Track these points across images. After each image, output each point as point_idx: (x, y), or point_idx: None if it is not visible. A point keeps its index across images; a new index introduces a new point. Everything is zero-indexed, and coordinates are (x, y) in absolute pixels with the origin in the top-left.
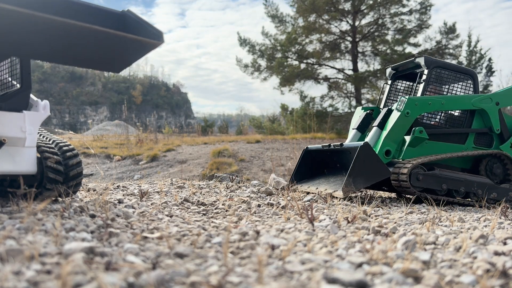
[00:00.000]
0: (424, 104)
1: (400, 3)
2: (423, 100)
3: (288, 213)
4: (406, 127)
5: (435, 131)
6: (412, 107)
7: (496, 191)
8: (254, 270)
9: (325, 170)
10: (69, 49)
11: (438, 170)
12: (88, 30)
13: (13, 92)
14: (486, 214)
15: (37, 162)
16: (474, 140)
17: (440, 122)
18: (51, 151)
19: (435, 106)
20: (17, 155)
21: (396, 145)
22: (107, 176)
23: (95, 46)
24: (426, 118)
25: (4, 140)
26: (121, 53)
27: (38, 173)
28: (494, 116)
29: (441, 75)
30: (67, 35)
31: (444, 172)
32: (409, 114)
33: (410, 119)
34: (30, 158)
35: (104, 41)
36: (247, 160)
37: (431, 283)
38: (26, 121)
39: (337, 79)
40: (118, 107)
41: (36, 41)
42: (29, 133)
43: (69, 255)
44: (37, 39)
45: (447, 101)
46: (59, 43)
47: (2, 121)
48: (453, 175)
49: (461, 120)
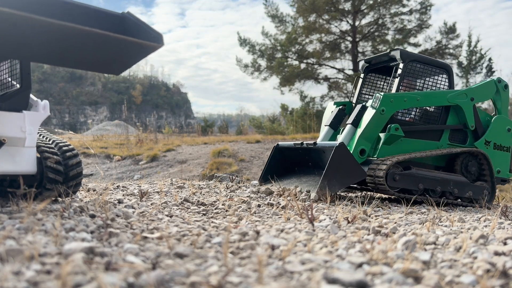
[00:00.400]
0: (399, 100)
1: (400, 3)
2: (398, 96)
3: (288, 213)
4: (381, 124)
5: (410, 128)
6: (388, 104)
7: (472, 190)
8: (254, 270)
9: (296, 168)
10: (68, 51)
11: (415, 169)
12: (87, 33)
13: (13, 92)
14: (486, 214)
15: (37, 162)
16: (449, 136)
17: (415, 119)
18: (51, 151)
19: (410, 102)
20: (17, 155)
21: (370, 144)
22: (107, 176)
23: (94, 49)
24: (401, 115)
25: (4, 140)
26: (121, 56)
27: (38, 173)
28: (469, 112)
29: (416, 69)
30: (66, 37)
31: (421, 171)
32: (385, 111)
33: (386, 117)
34: (30, 158)
35: (103, 43)
36: (247, 160)
37: (431, 283)
38: (26, 121)
39: (337, 79)
40: (118, 107)
41: (35, 44)
42: (29, 133)
43: (69, 255)
44: (36, 42)
45: (422, 97)
46: (58, 45)
47: (2, 121)
48: (430, 174)
49: (436, 116)
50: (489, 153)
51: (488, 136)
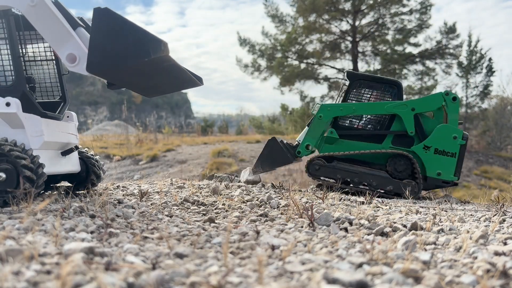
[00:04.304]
0: (335, 109)
1: (400, 3)
2: (334, 106)
3: (289, 213)
4: (321, 127)
5: (352, 132)
6: (325, 111)
7: (392, 184)
8: (254, 270)
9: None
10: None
11: (336, 163)
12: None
13: (58, 105)
14: (486, 214)
15: (80, 163)
16: (392, 140)
17: (364, 125)
18: (94, 158)
19: (347, 111)
20: (73, 158)
21: (315, 141)
22: (107, 176)
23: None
24: (349, 122)
25: (76, 147)
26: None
27: (84, 172)
28: (408, 121)
29: (363, 85)
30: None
31: (340, 164)
32: (322, 117)
33: (323, 121)
34: (77, 160)
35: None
36: (247, 160)
37: (431, 283)
38: (76, 130)
39: (337, 79)
40: (117, 107)
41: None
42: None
43: (68, 255)
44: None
45: (358, 107)
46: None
47: (71, 131)
48: (348, 168)
49: (382, 123)
50: (426, 157)
51: (428, 142)
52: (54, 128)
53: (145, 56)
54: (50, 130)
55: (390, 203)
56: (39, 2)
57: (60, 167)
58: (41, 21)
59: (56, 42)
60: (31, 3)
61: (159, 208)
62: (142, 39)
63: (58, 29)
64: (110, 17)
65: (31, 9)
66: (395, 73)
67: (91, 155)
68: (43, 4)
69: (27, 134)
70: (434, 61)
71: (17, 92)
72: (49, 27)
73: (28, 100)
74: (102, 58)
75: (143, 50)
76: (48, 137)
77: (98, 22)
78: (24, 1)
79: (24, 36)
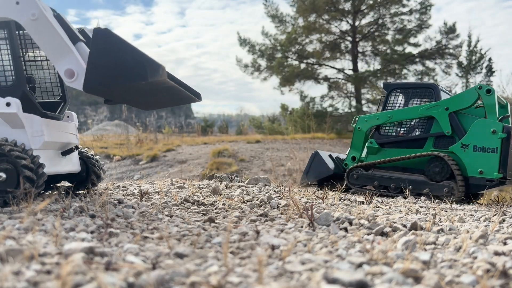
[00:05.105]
0: (372, 119)
1: (400, 3)
2: (371, 116)
3: (288, 213)
4: (361, 138)
5: (391, 140)
6: (363, 123)
7: (429, 187)
8: (254, 270)
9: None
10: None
11: (372, 171)
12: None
13: (59, 105)
14: (486, 214)
15: (80, 163)
16: (434, 143)
17: (407, 132)
18: (94, 158)
19: (383, 119)
20: (73, 158)
21: (359, 152)
22: (107, 176)
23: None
24: (392, 130)
25: (77, 147)
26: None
27: (84, 172)
28: (444, 120)
29: (399, 93)
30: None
31: (377, 171)
32: (360, 128)
33: (363, 132)
34: (78, 160)
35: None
36: (247, 160)
37: (431, 283)
38: (76, 130)
39: (337, 79)
40: (118, 107)
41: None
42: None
43: (69, 255)
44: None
45: (393, 114)
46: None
47: (71, 130)
48: (384, 174)
49: (420, 127)
50: (465, 156)
51: (466, 139)
52: (54, 128)
53: (142, 79)
54: (50, 130)
55: (390, 203)
56: (40, 16)
57: (60, 167)
58: (41, 35)
59: (55, 56)
60: (32, 17)
61: (159, 208)
62: (141, 62)
63: (57, 44)
64: (110, 38)
65: (31, 22)
66: (395, 73)
67: (91, 155)
68: (44, 19)
69: (27, 134)
70: (434, 61)
71: (17, 92)
72: (49, 41)
73: (29, 100)
74: (100, 78)
75: (141, 73)
76: (48, 137)
77: (97, 43)
78: (25, 14)
79: (24, 36)
